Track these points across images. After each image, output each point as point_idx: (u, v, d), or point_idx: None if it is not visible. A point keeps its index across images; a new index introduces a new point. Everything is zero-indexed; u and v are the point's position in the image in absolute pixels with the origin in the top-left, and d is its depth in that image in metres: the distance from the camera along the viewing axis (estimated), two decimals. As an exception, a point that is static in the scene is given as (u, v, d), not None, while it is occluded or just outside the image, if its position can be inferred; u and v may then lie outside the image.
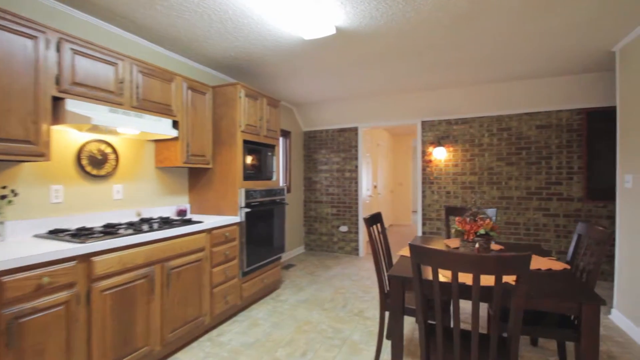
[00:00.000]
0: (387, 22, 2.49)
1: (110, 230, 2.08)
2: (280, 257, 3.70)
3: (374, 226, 2.38)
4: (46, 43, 1.83)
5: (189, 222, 2.60)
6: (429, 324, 1.69)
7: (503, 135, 4.43)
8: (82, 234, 1.96)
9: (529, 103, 4.21)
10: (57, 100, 1.94)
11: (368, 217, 2.32)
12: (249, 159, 3.24)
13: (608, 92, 3.83)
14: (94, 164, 2.42)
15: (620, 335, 2.63)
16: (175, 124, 2.73)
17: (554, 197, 4.17)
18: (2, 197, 1.89)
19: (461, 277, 1.64)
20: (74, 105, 1.96)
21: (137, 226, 2.29)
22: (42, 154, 1.83)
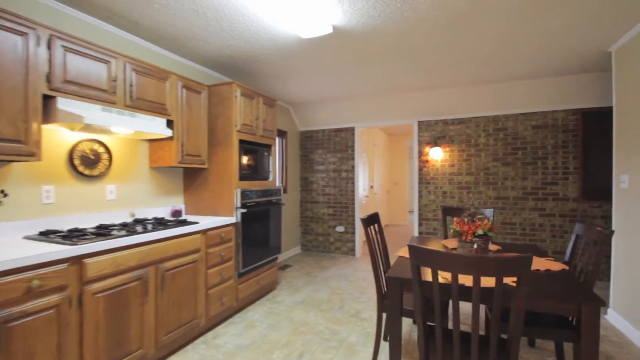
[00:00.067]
0: (384, 20, 2.47)
1: (103, 232, 2.04)
2: (276, 258, 3.67)
3: (372, 227, 2.36)
4: (36, 40, 1.79)
5: (184, 222, 2.56)
6: (428, 325, 1.67)
7: (499, 135, 4.44)
8: (73, 236, 1.92)
9: (525, 103, 4.22)
10: (48, 99, 1.90)
11: (365, 217, 2.30)
12: (245, 159, 3.20)
13: (603, 93, 3.85)
14: (87, 164, 2.37)
15: (616, 335, 2.64)
16: (169, 124, 2.69)
17: (550, 197, 4.19)
18: (-9, 197, 1.85)
19: (460, 279, 1.62)
20: (65, 104, 1.92)
21: (131, 227, 2.24)
22: (32, 154, 1.79)
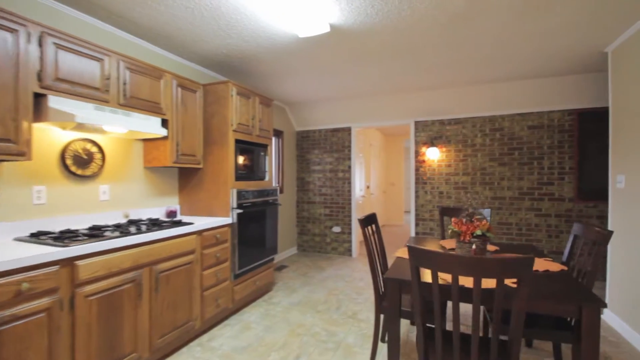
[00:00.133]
0: (382, 19, 2.45)
1: (95, 233, 2.00)
2: (272, 259, 3.63)
3: (369, 227, 2.34)
4: (27, 37, 1.74)
5: (179, 223, 2.52)
6: (427, 327, 1.65)
7: (495, 135, 4.44)
8: (65, 237, 1.87)
9: (521, 103, 4.23)
10: (39, 97, 1.85)
11: (363, 218, 2.28)
12: (241, 158, 3.17)
13: (599, 93, 3.86)
14: (79, 164, 2.32)
15: (613, 335, 2.64)
16: (164, 123, 2.65)
17: (546, 198, 4.20)
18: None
19: (460, 280, 1.61)
20: (57, 102, 1.87)
21: (124, 228, 2.20)
22: (22, 153, 1.74)
